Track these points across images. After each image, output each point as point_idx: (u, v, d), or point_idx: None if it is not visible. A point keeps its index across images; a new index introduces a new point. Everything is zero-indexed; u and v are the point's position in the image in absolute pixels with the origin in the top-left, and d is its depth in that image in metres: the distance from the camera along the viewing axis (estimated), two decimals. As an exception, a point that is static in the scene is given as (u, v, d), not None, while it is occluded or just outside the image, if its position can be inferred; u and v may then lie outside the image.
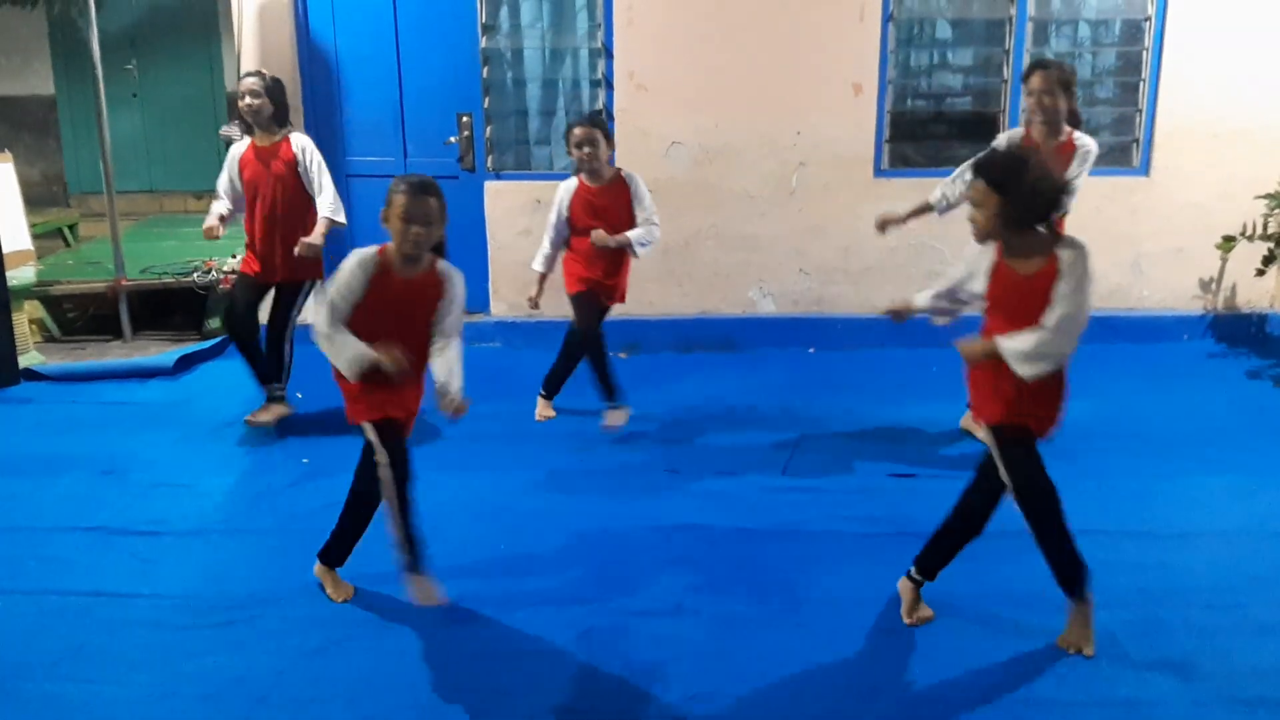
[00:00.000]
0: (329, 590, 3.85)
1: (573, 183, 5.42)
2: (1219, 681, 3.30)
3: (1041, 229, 3.26)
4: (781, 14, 6.55)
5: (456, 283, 3.66)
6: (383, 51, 6.80)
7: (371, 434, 3.60)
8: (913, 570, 3.69)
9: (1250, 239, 6.73)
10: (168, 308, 7.61)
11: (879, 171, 6.79)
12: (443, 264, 3.67)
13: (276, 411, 5.60)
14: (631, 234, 5.33)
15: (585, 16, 6.75)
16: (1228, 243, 6.75)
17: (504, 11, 6.77)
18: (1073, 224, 5.23)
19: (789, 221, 6.83)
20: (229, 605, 3.79)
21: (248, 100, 5.40)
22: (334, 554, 3.85)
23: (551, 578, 4.00)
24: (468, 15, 6.70)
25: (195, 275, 7.34)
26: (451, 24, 6.72)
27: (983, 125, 6.71)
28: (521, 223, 6.80)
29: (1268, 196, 6.59)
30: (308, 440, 5.37)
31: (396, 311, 3.55)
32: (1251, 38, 6.55)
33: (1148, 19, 6.61)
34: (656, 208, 5.41)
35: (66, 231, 9.32)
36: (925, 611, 3.68)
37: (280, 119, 5.48)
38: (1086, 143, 4.89)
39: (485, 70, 6.81)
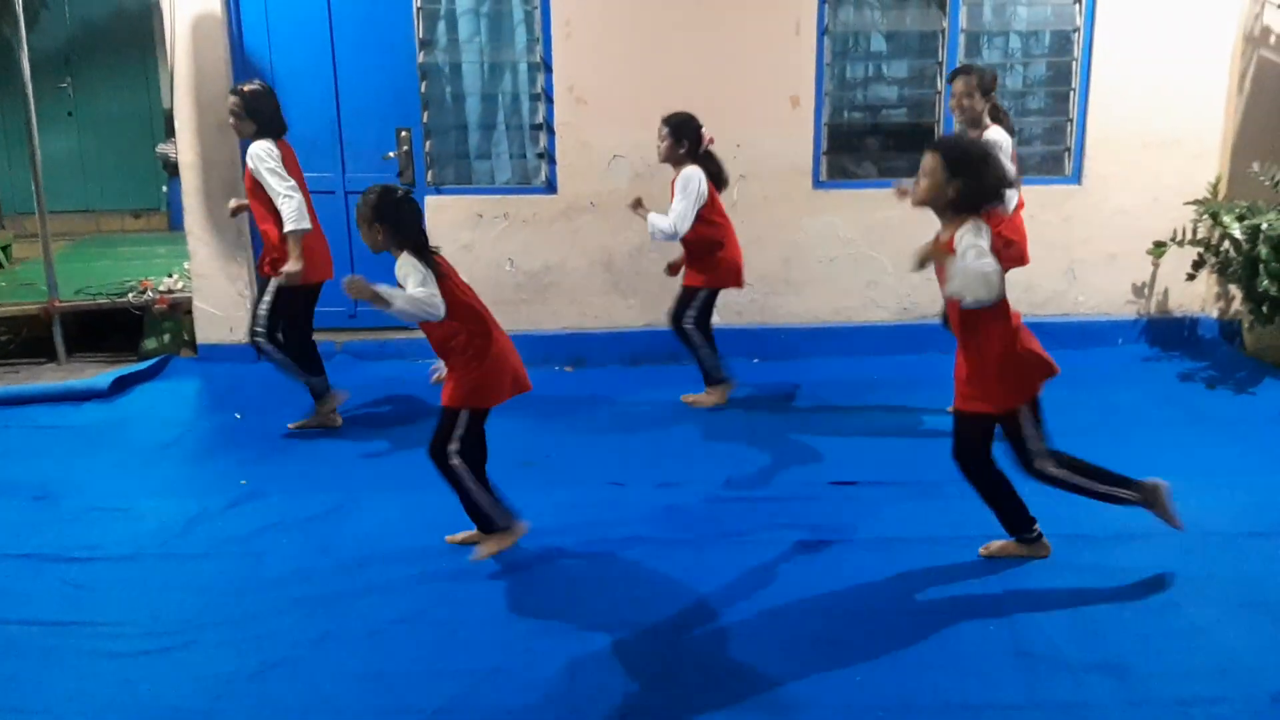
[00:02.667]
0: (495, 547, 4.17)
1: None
2: (1155, 682, 3.34)
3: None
4: (719, 27, 6.60)
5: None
6: (319, 67, 6.75)
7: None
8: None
9: (1181, 244, 6.87)
10: (103, 329, 7.48)
11: (818, 183, 6.85)
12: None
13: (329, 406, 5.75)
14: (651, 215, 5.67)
15: (524, 30, 6.75)
16: (1159, 248, 6.89)
17: (441, 26, 6.75)
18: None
19: (730, 233, 6.86)
20: (164, 631, 3.72)
21: (229, 121, 5.49)
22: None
23: (497, 593, 3.97)
24: (405, 30, 6.68)
25: (131, 296, 7.23)
26: (389, 39, 6.69)
27: (918, 136, 6.80)
28: (464, 237, 6.78)
29: (1196, 203, 6.74)
30: (245, 461, 5.30)
31: None
32: (1178, 48, 6.70)
33: (1076, 30, 6.74)
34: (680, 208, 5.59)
35: (0, 253, 9.14)
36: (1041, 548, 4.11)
37: (268, 131, 5.43)
38: (992, 135, 5.26)
39: (424, 85, 6.78)
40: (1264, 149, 6.69)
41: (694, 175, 5.61)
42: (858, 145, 7.00)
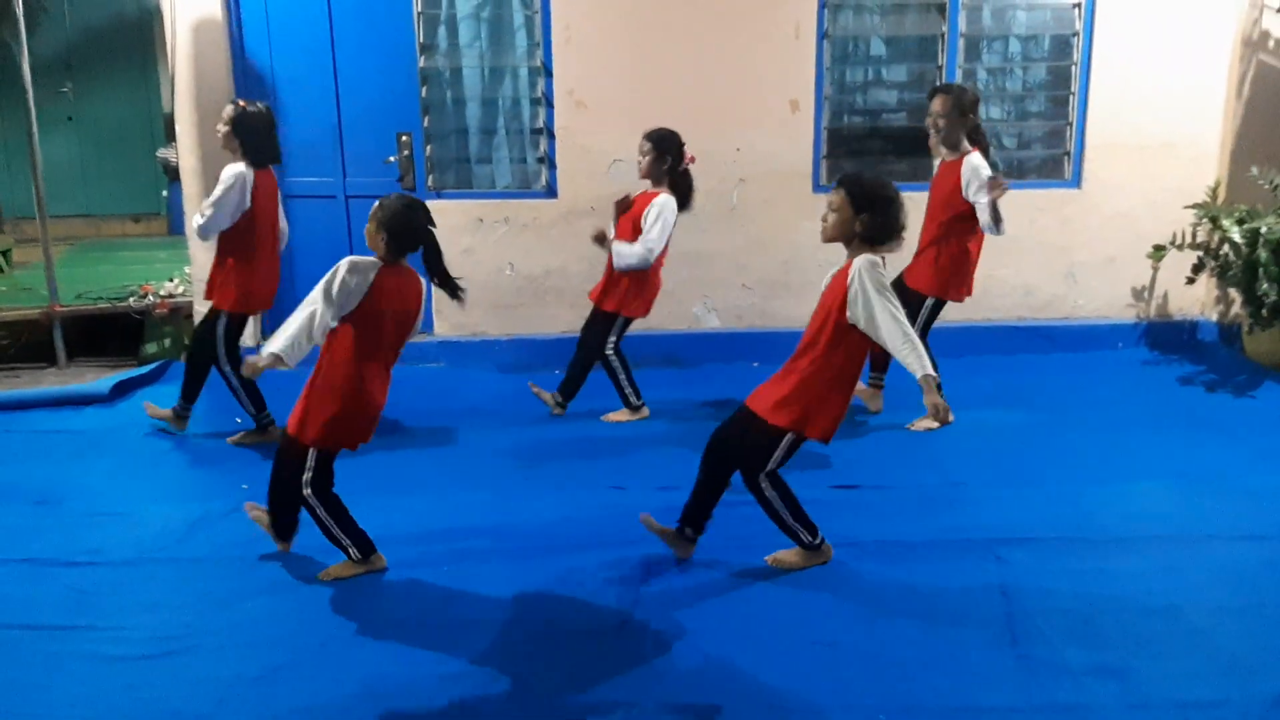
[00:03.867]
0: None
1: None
2: (1155, 685, 3.34)
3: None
4: (719, 32, 6.62)
5: None
6: (320, 72, 6.76)
7: None
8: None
9: (1180, 248, 6.88)
10: (104, 334, 7.47)
11: (817, 187, 6.86)
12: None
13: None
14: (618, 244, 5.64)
15: (524, 35, 6.77)
16: (1158, 252, 6.90)
17: (442, 31, 6.76)
18: (1007, 235, 5.36)
19: (730, 237, 6.88)
20: (167, 636, 3.72)
21: (217, 128, 5.45)
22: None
23: (496, 597, 3.97)
24: (405, 35, 6.69)
25: (131, 300, 7.24)
26: (389, 44, 6.71)
27: (917, 139, 6.78)
28: (464, 241, 6.78)
29: (1196, 206, 6.75)
30: (246, 465, 5.30)
31: None
32: (1178, 52, 6.72)
33: (1076, 35, 6.75)
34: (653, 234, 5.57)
35: (0, 257, 9.14)
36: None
37: (250, 156, 5.32)
38: (972, 163, 5.25)
39: (424, 90, 6.79)
40: (1263, 153, 6.70)
41: (669, 205, 5.57)
42: (857, 149, 7.01)
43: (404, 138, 6.80)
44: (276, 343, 3.84)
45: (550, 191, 6.88)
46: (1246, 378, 6.41)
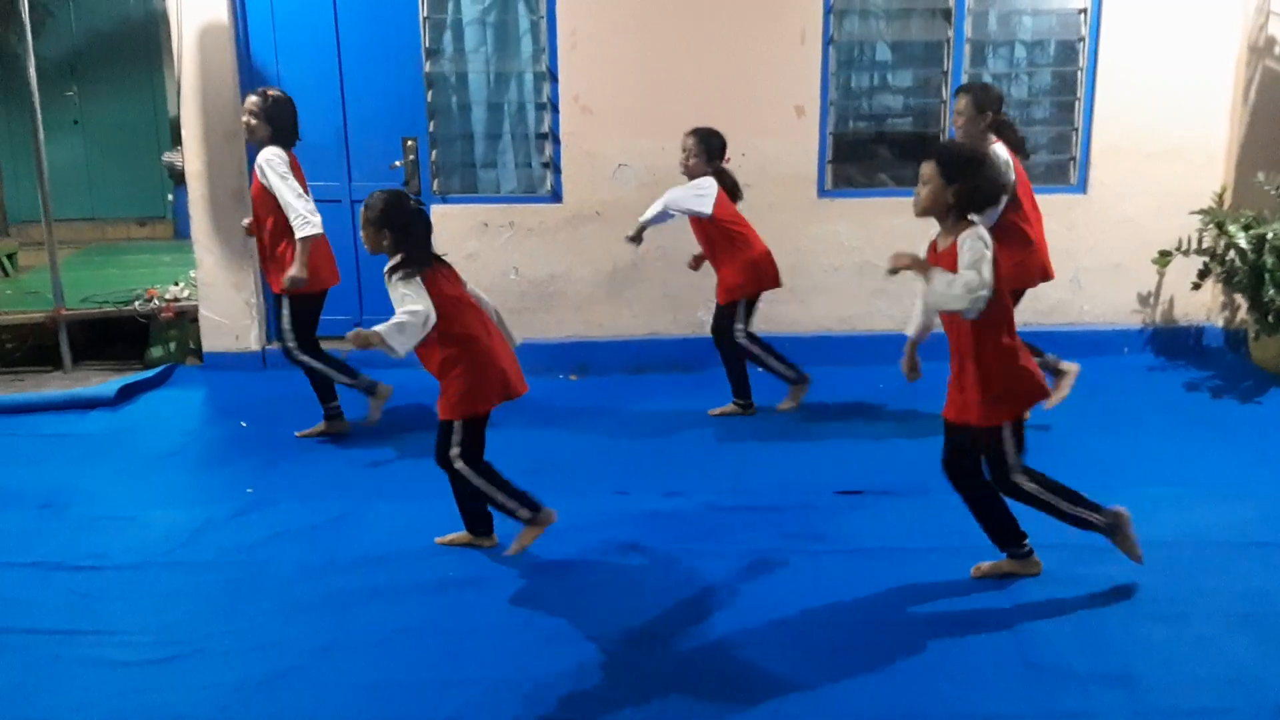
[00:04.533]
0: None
1: None
2: (1162, 693, 3.33)
3: (973, 218, 3.69)
4: (724, 37, 6.61)
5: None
6: (326, 76, 6.77)
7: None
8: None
9: (1186, 254, 6.87)
10: (109, 337, 7.48)
11: (823, 192, 6.85)
12: None
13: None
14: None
15: (529, 40, 6.77)
16: (1164, 257, 6.88)
17: (448, 36, 6.77)
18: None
19: (735, 242, 6.86)
20: (171, 640, 3.72)
21: (244, 119, 5.48)
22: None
23: (502, 603, 3.97)
24: (411, 40, 6.69)
25: (137, 304, 7.24)
26: (395, 48, 6.71)
27: (923, 145, 6.80)
28: (469, 246, 6.79)
29: (1201, 212, 6.73)
30: (251, 469, 5.30)
31: None
32: (1184, 58, 6.71)
33: (1081, 40, 6.75)
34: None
35: (5, 261, 9.14)
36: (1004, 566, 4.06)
37: (280, 139, 5.43)
38: (1001, 153, 5.22)
39: (430, 94, 6.80)
40: (1269, 158, 6.68)
41: (708, 182, 5.73)
42: (863, 154, 7.01)
43: (409, 142, 6.81)
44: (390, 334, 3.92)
45: (555, 196, 6.88)
46: (1253, 383, 6.40)
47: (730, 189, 5.82)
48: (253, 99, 5.43)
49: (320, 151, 6.85)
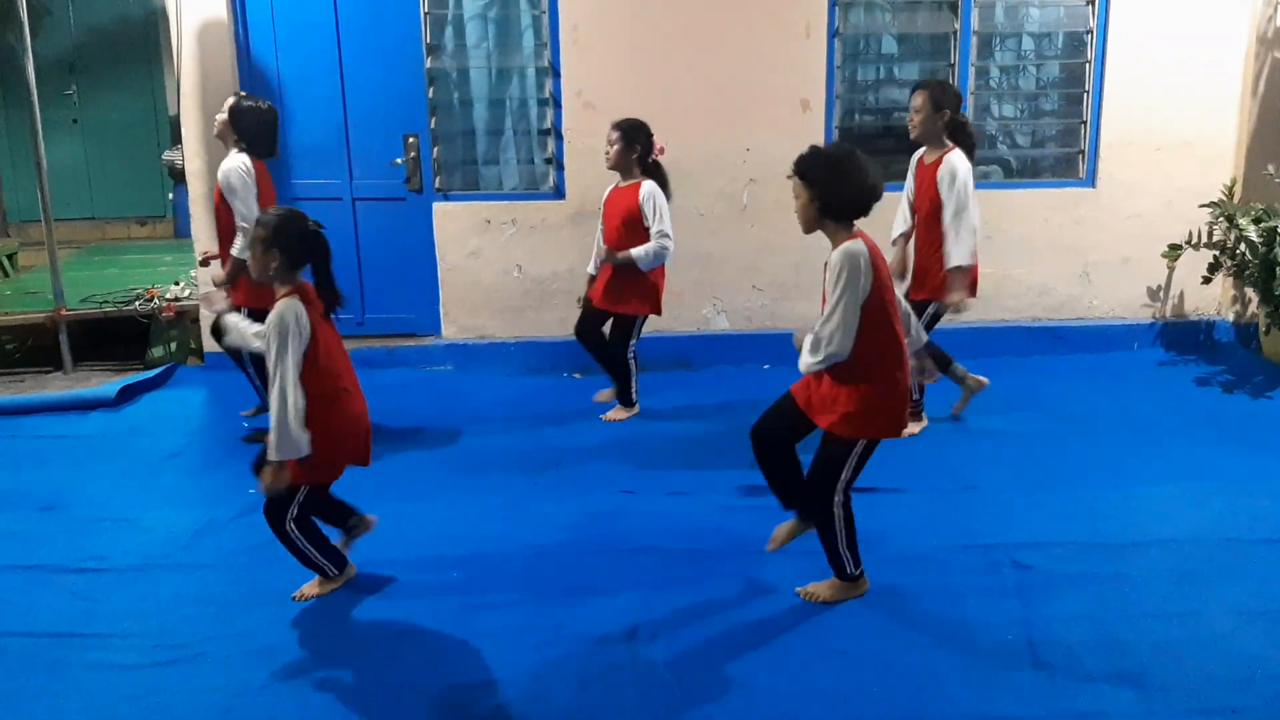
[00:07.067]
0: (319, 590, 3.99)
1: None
2: (1175, 692, 3.30)
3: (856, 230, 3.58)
4: (728, 31, 6.56)
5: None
6: (326, 73, 6.72)
7: None
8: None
9: (1196, 247, 6.82)
10: (110, 338, 7.45)
11: (828, 186, 6.80)
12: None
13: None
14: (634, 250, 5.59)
15: (531, 36, 6.72)
16: (1174, 251, 6.83)
17: (449, 32, 6.72)
18: (1021, 234, 5.30)
19: (741, 238, 6.83)
20: (173, 643, 3.68)
21: (216, 119, 5.47)
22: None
23: (507, 604, 3.93)
24: (412, 36, 6.65)
25: (137, 304, 7.21)
26: (395, 45, 6.66)
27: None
28: (472, 243, 6.75)
29: (1211, 205, 6.69)
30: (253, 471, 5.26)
31: None
32: (1192, 50, 6.65)
33: (1089, 32, 6.69)
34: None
35: (5, 261, 9.11)
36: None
37: (251, 149, 5.38)
38: (951, 164, 5.06)
39: (431, 91, 6.75)
40: (1279, 151, 6.63)
41: (658, 190, 5.58)
42: (869, 148, 6.91)
43: (411, 139, 6.76)
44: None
45: (558, 193, 6.84)
46: (1264, 378, 6.35)
47: (663, 189, 5.66)
48: (229, 99, 5.41)
49: (321, 149, 6.82)
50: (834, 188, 3.51)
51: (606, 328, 5.88)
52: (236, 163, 5.33)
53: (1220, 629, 3.64)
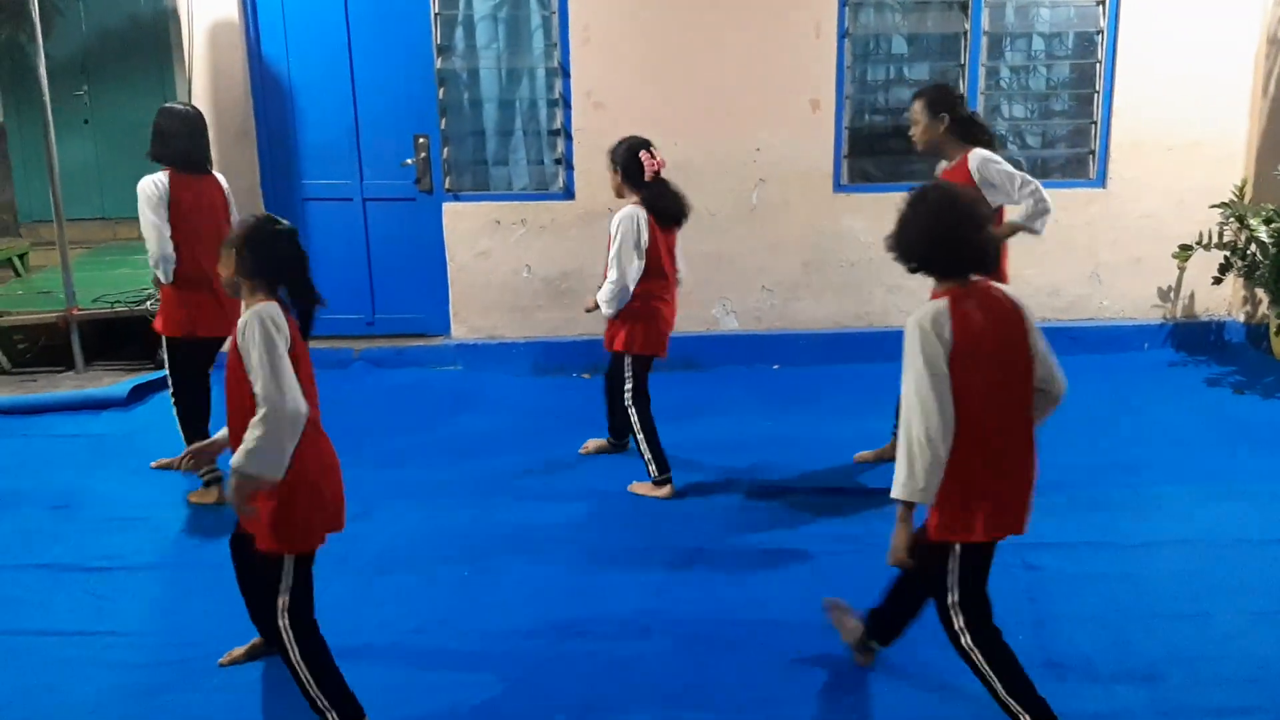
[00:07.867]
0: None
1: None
2: (1186, 692, 3.31)
3: None
4: (738, 31, 6.56)
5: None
6: (337, 74, 6.73)
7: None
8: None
9: (1206, 248, 6.80)
10: (121, 337, 7.47)
11: (839, 186, 6.80)
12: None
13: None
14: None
15: (541, 36, 6.73)
16: (1184, 252, 6.81)
17: (459, 32, 6.73)
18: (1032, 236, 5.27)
19: (750, 238, 6.82)
20: (185, 642, 3.71)
21: None
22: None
23: (518, 604, 3.94)
24: (422, 36, 6.66)
25: (149, 304, 7.22)
26: (406, 45, 6.67)
27: (940, 139, 6.73)
28: (482, 244, 6.75)
29: (1222, 206, 6.67)
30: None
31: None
32: (1202, 51, 6.63)
33: (1100, 32, 6.68)
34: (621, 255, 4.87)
35: (17, 261, 9.15)
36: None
37: (165, 157, 4.84)
38: (978, 158, 4.66)
39: (441, 91, 6.76)
40: (1290, 151, 6.63)
41: (627, 216, 4.80)
42: (879, 148, 6.95)
43: (421, 139, 6.77)
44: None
45: (568, 193, 6.84)
46: (1274, 379, 6.33)
47: (665, 211, 4.91)
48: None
49: (331, 149, 6.84)
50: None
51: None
52: (149, 179, 4.78)
53: (1231, 630, 3.65)
